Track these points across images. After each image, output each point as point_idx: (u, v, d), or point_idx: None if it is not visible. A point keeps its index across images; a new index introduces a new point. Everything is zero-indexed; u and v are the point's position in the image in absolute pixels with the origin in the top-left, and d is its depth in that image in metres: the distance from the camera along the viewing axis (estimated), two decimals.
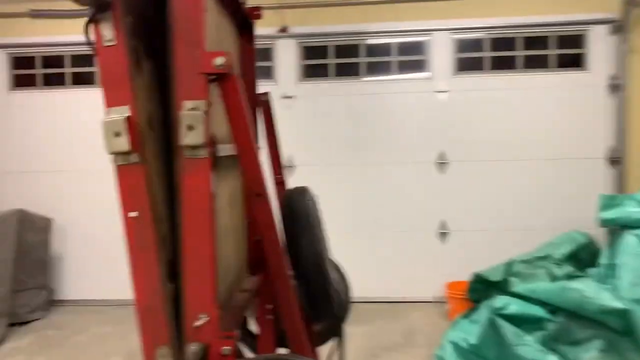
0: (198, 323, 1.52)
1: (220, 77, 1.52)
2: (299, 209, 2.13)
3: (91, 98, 4.40)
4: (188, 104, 1.46)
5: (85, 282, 5.14)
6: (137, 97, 1.46)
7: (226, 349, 1.54)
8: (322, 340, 2.61)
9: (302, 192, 2.22)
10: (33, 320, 4.63)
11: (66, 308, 5.00)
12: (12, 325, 4.43)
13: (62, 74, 5.26)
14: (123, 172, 1.47)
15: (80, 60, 5.20)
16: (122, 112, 1.42)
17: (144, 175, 1.46)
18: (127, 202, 1.48)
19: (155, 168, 1.54)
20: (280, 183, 2.49)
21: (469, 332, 3.23)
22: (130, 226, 1.49)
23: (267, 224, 1.81)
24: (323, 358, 2.22)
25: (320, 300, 2.16)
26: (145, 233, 1.48)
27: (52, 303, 5.00)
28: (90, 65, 5.12)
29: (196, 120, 1.44)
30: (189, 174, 1.48)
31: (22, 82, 5.29)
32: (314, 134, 5.02)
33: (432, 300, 4.85)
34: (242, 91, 1.57)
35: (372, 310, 4.52)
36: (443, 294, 4.68)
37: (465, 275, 4.40)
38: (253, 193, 1.77)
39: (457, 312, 3.97)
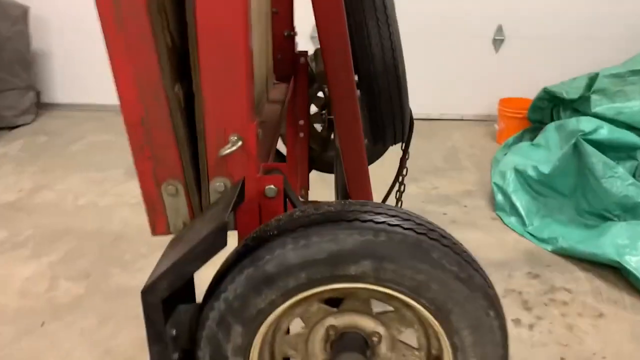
0: (227, 149, 0.95)
1: None
2: None
3: None
4: None
5: (79, 84, 4.50)
6: None
7: (271, 188, 1.00)
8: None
9: None
10: (21, 125, 4.12)
11: (58, 113, 4.47)
12: None
13: None
14: None
15: None
16: None
17: None
18: None
19: None
20: None
21: (535, 158, 2.70)
22: None
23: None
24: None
25: (389, 116, 1.56)
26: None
27: (41, 106, 4.46)
28: None
29: None
30: None
31: None
32: None
33: (475, 118, 4.21)
34: None
35: None
36: (490, 112, 4.05)
37: (521, 91, 3.78)
38: None
39: (509, 134, 3.45)
